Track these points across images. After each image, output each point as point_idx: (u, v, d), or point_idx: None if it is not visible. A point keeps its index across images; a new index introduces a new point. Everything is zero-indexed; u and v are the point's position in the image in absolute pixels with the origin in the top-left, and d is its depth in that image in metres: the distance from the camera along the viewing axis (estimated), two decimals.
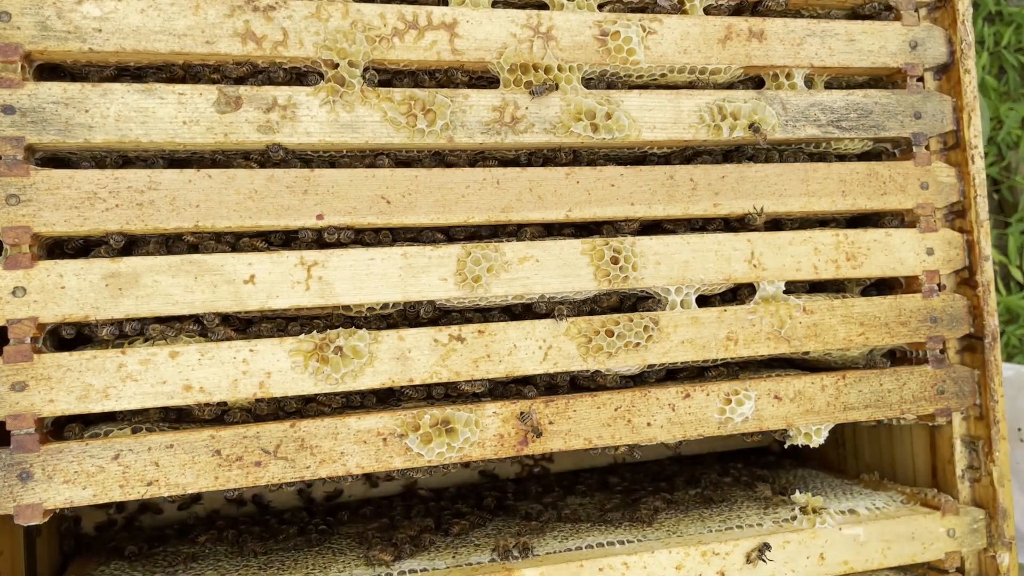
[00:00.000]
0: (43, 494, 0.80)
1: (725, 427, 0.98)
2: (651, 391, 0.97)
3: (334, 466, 0.87)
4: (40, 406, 0.80)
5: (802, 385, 1.02)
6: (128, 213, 0.84)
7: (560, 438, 0.93)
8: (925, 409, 1.06)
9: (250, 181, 0.87)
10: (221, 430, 0.84)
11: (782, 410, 1.01)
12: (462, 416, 0.90)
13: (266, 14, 0.88)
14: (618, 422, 0.95)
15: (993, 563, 1.08)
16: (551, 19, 0.96)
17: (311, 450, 0.86)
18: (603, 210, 0.97)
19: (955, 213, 1.11)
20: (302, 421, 0.87)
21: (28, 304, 0.81)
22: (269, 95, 0.88)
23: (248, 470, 0.85)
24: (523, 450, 0.92)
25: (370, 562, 0.98)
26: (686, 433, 0.97)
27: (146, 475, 0.82)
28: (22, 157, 0.82)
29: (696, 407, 0.98)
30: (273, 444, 0.86)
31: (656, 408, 0.97)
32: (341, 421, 0.87)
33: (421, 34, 0.92)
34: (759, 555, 0.98)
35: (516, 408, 0.92)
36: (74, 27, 0.83)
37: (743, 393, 0.99)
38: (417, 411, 0.90)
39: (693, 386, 0.98)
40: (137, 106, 0.84)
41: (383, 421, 0.88)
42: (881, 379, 1.05)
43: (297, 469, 0.86)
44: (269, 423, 0.86)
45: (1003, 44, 2.50)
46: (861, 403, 1.03)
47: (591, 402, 0.95)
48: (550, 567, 0.93)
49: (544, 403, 0.93)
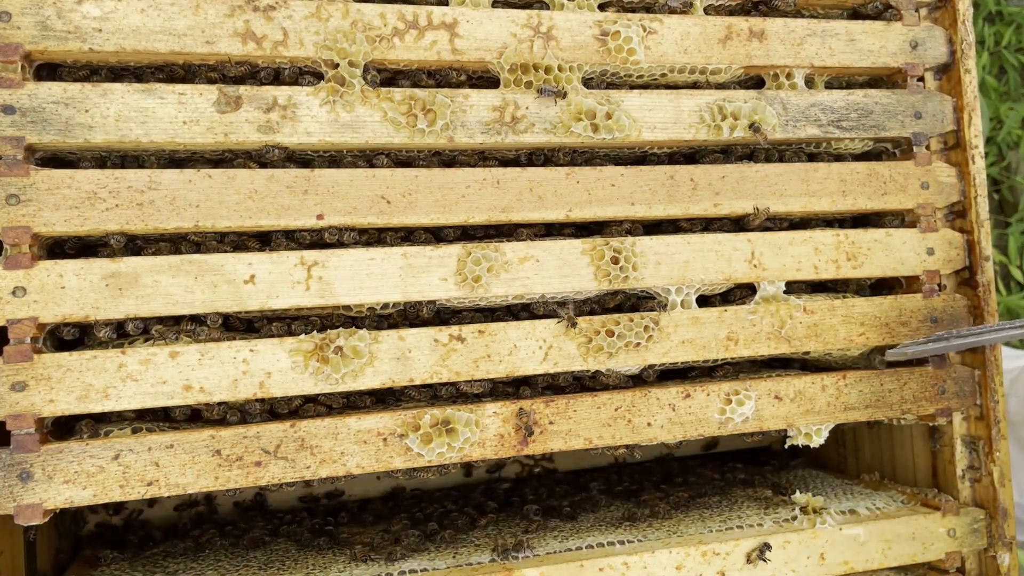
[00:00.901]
0: (43, 494, 0.80)
1: (725, 427, 0.98)
2: (651, 391, 0.97)
3: (334, 466, 0.87)
4: (40, 406, 0.80)
5: (802, 385, 1.02)
6: (128, 213, 0.84)
7: (560, 438, 0.93)
8: (925, 409, 1.06)
9: (250, 181, 0.87)
10: (221, 430, 0.84)
11: (782, 410, 1.00)
12: (462, 416, 0.90)
13: (266, 14, 0.88)
14: (618, 422, 0.95)
15: (993, 563, 1.08)
16: (551, 19, 0.96)
17: (311, 450, 0.86)
18: (603, 210, 0.97)
19: (955, 213, 1.11)
20: (302, 421, 0.87)
21: (28, 304, 0.81)
22: (269, 95, 0.88)
23: (248, 470, 0.85)
24: (523, 450, 0.92)
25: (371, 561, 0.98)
26: (686, 433, 0.97)
27: (146, 475, 0.82)
28: (22, 157, 0.81)
29: (696, 407, 0.98)
30: (273, 444, 0.86)
31: (656, 408, 0.97)
32: (341, 421, 0.87)
33: (421, 34, 0.92)
34: (759, 555, 0.98)
35: (516, 407, 0.92)
36: (74, 27, 0.83)
37: (743, 393, 0.99)
38: (417, 411, 0.90)
39: (693, 386, 0.98)
40: (137, 106, 0.84)
41: (383, 421, 0.88)
42: (882, 379, 1.05)
43: (297, 469, 0.86)
44: (269, 423, 0.87)
45: (1003, 44, 2.50)
46: (861, 403, 1.03)
47: (591, 402, 0.95)
48: (550, 567, 0.92)
49: (545, 403, 0.93)
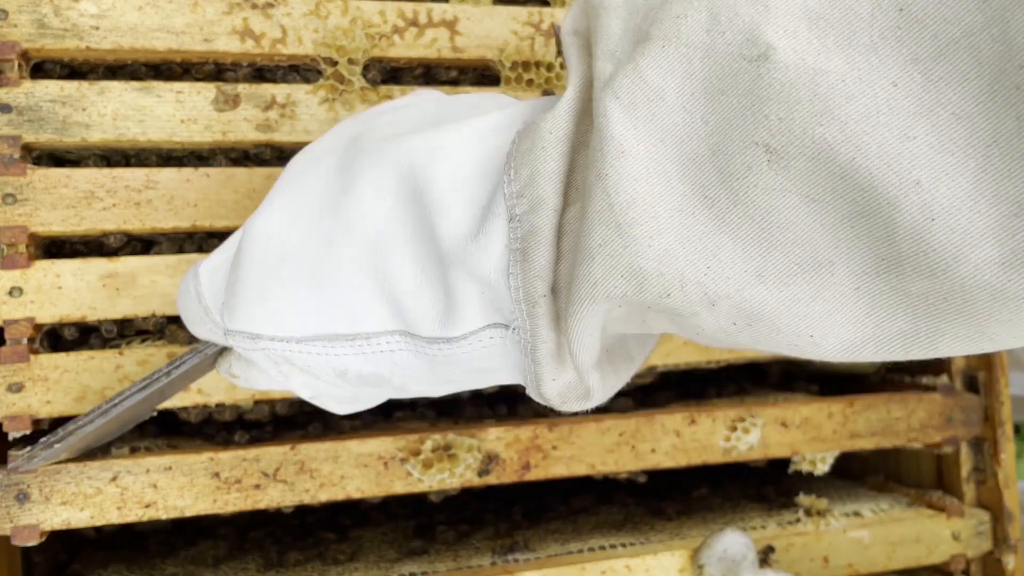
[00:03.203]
0: (40, 515, 0.79)
1: (730, 455, 0.97)
2: (656, 416, 0.95)
3: (334, 490, 0.85)
4: (37, 407, 0.80)
5: (809, 412, 1.00)
6: (125, 212, 0.83)
7: (563, 464, 0.92)
8: (932, 438, 1.05)
9: (248, 180, 0.86)
10: (220, 452, 0.83)
11: (788, 437, 0.99)
12: (464, 442, 0.89)
13: (265, 11, 0.87)
14: (622, 448, 0.94)
15: (998, 566, 1.07)
16: (553, 16, 0.95)
17: (311, 473, 0.85)
18: None
19: None
20: (302, 444, 0.85)
21: (25, 304, 0.80)
22: (268, 93, 0.87)
23: (247, 493, 0.83)
24: (526, 476, 0.90)
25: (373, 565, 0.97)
26: (690, 460, 0.95)
27: (144, 497, 0.81)
28: (19, 156, 0.81)
29: (702, 434, 0.96)
30: (273, 467, 0.84)
31: (661, 434, 0.95)
32: (342, 445, 0.86)
33: (421, 31, 0.91)
34: (762, 558, 0.97)
35: (520, 433, 0.91)
36: (71, 25, 0.82)
37: (749, 420, 0.97)
38: (420, 435, 0.88)
39: (699, 411, 0.96)
40: (135, 104, 0.84)
41: (384, 445, 0.87)
42: (889, 407, 1.03)
43: (296, 493, 0.84)
44: (269, 446, 0.85)
45: None
46: (868, 431, 1.02)
47: (595, 428, 0.93)
48: (552, 569, 0.91)
49: (548, 428, 0.92)
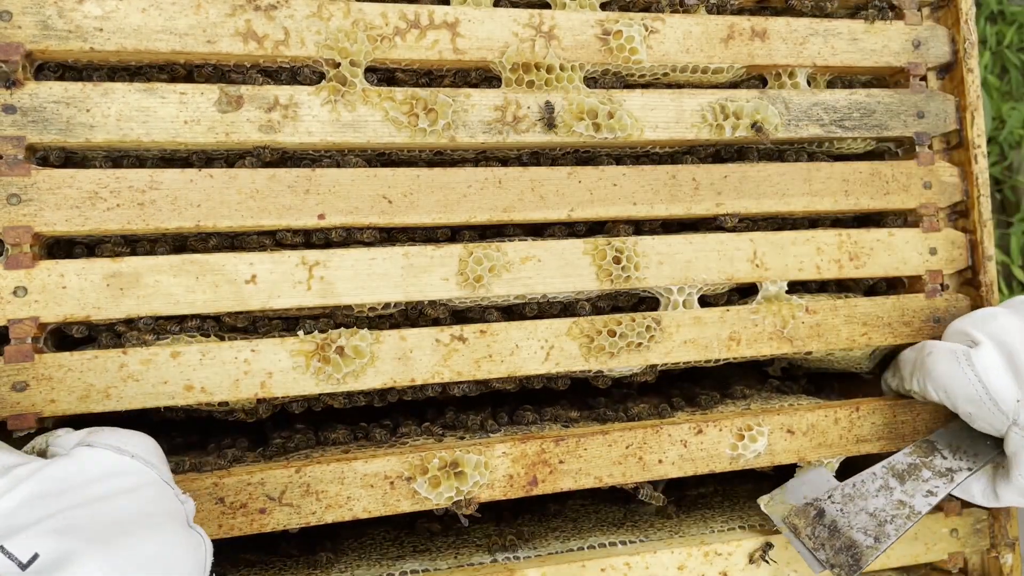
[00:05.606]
0: None
1: (737, 463, 0.97)
2: (663, 427, 0.95)
3: (340, 511, 0.85)
4: (41, 406, 0.80)
5: (815, 418, 1.00)
6: (129, 213, 0.84)
7: (571, 477, 0.92)
8: None
9: (251, 180, 0.87)
10: (224, 477, 0.83)
11: (794, 444, 0.99)
12: (471, 459, 0.89)
13: (267, 13, 0.88)
14: (629, 459, 0.94)
15: (996, 563, 1.07)
16: (553, 18, 0.96)
17: (317, 495, 0.85)
18: (605, 210, 0.97)
19: (958, 213, 1.11)
20: (307, 466, 0.85)
21: (29, 304, 0.81)
22: (270, 94, 0.88)
23: (252, 517, 0.83)
24: (533, 491, 0.90)
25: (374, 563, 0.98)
26: (697, 469, 0.96)
27: None
28: (23, 156, 0.81)
29: (708, 443, 0.97)
30: (278, 490, 0.84)
31: (668, 445, 0.95)
32: (348, 465, 0.86)
33: (423, 33, 0.92)
34: (762, 555, 0.97)
35: (526, 448, 0.91)
36: (75, 26, 0.83)
37: (756, 429, 0.98)
38: (426, 453, 0.88)
39: (705, 421, 0.97)
40: (138, 105, 0.84)
41: (390, 464, 0.87)
42: (895, 410, 1.03)
43: (303, 515, 0.84)
44: (274, 468, 0.85)
45: (1005, 44, 2.50)
46: (874, 435, 1.02)
47: (602, 440, 0.93)
48: (552, 567, 0.92)
49: (554, 442, 0.92)
